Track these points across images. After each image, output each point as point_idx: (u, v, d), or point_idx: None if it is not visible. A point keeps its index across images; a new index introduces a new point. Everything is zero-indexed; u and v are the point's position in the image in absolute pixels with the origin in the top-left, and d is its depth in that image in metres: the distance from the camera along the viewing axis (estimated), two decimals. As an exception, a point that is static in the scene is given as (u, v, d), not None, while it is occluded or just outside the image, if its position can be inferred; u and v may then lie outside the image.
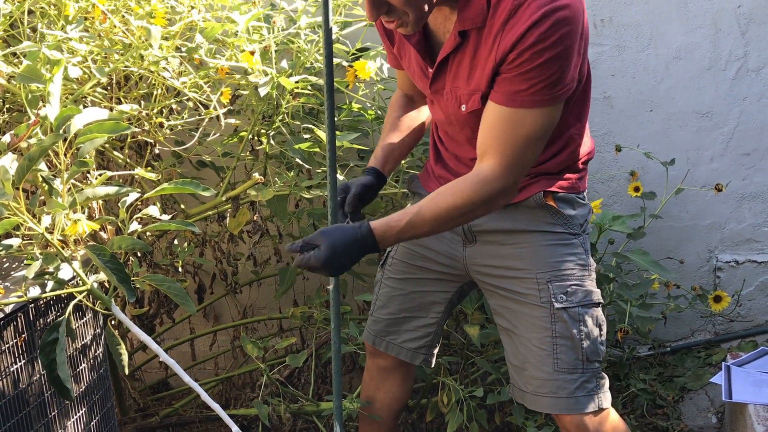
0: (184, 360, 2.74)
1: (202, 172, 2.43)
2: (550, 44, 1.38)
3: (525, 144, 1.47)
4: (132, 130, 1.61)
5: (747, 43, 2.59)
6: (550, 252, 1.64)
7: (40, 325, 1.56)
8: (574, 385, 1.63)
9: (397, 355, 1.89)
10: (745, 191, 2.72)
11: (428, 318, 1.86)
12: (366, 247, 1.50)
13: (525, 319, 1.66)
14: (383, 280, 1.89)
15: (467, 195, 1.48)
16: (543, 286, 1.63)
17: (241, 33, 1.91)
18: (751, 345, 2.71)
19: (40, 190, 1.54)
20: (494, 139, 1.48)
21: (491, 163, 1.48)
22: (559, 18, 1.37)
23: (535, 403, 1.67)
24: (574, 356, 1.63)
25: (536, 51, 1.39)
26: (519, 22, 1.39)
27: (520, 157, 1.48)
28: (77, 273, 1.54)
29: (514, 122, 1.45)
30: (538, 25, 1.37)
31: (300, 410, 2.20)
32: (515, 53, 1.40)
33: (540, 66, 1.40)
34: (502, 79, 1.45)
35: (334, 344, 1.71)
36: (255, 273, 2.64)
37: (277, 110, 2.07)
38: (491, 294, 1.74)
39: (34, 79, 1.54)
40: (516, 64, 1.42)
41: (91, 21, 1.85)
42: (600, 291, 1.69)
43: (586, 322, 1.63)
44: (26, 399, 1.51)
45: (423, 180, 1.83)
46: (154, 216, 1.68)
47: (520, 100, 1.44)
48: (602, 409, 1.65)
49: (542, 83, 1.42)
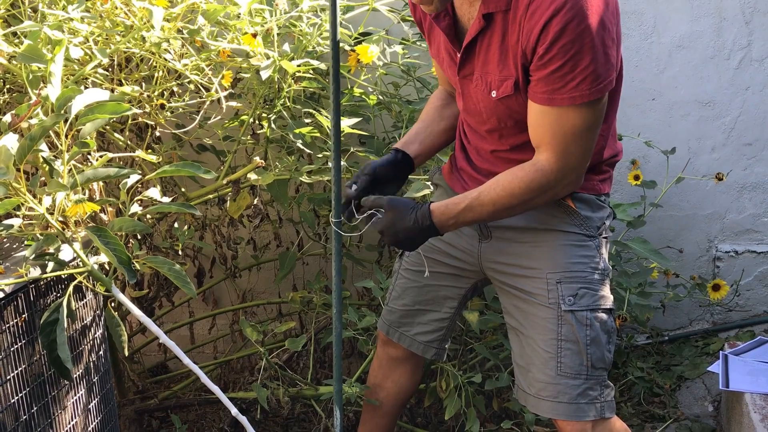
0: (183, 343, 2.74)
1: (203, 155, 2.42)
2: (577, 35, 1.33)
3: (574, 138, 1.44)
4: (133, 111, 1.60)
5: (751, 32, 2.58)
6: (563, 252, 1.60)
7: (41, 306, 1.56)
8: (577, 391, 1.58)
9: (409, 347, 1.89)
10: (746, 181, 2.72)
11: (441, 312, 1.85)
12: (423, 226, 1.53)
13: (532, 320, 1.63)
14: (400, 271, 1.88)
15: (525, 183, 1.48)
16: (552, 287, 1.60)
17: (244, 15, 1.90)
18: (748, 335, 2.72)
19: (41, 170, 1.53)
20: (543, 135, 1.46)
21: (546, 155, 1.47)
22: (583, 5, 1.32)
23: (537, 406, 1.63)
24: (579, 361, 1.58)
25: (563, 44, 1.34)
26: (540, 8, 1.35)
27: (573, 149, 1.45)
28: (78, 254, 1.54)
29: (559, 120, 1.43)
30: (562, 13, 1.32)
31: (298, 394, 2.21)
32: (543, 48, 1.36)
33: (571, 60, 1.35)
34: (537, 79, 1.42)
35: (336, 329, 1.71)
36: (255, 257, 2.64)
37: (279, 94, 2.06)
38: (503, 292, 1.72)
39: (35, 59, 1.53)
40: (545, 61, 1.38)
41: (92, 1, 1.83)
42: (613, 297, 1.65)
43: (593, 326, 1.59)
44: (26, 379, 1.52)
45: (445, 172, 1.81)
46: (155, 198, 1.68)
47: (559, 99, 1.40)
48: (605, 418, 1.60)
49: (577, 79, 1.37)
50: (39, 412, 1.56)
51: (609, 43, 1.38)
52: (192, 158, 2.38)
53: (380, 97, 2.26)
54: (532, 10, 1.37)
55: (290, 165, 2.10)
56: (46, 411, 1.58)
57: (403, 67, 2.29)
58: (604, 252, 1.65)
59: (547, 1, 1.35)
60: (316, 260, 2.70)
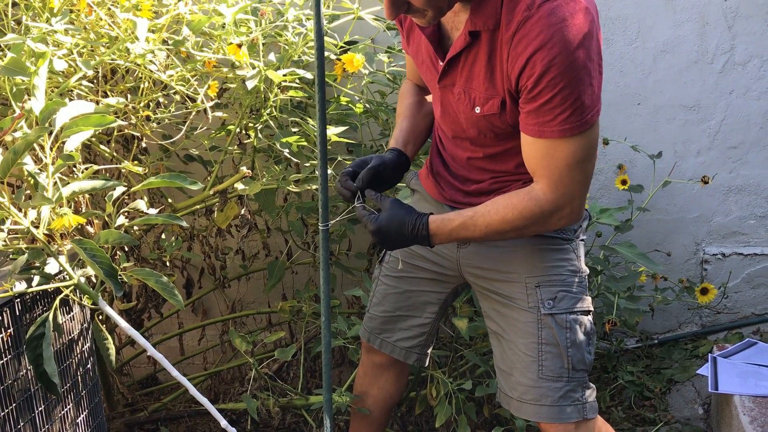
0: (173, 355, 2.73)
1: (190, 165, 2.42)
2: (564, 68, 1.33)
3: (567, 169, 1.43)
4: (118, 123, 1.59)
5: (734, 36, 2.60)
6: (541, 256, 1.61)
7: (27, 320, 1.55)
8: (559, 393, 1.60)
9: (391, 354, 1.89)
10: (732, 184, 2.74)
11: (422, 318, 1.85)
12: (418, 235, 1.54)
13: (513, 324, 1.64)
14: (380, 278, 1.88)
15: (518, 211, 1.47)
16: (531, 291, 1.61)
17: (229, 25, 1.90)
18: (737, 337, 2.73)
19: (26, 184, 1.52)
20: (537, 165, 1.46)
21: (541, 185, 1.46)
22: (569, 38, 1.31)
23: (520, 409, 1.65)
24: (560, 364, 1.60)
25: (551, 78, 1.33)
26: (526, 38, 1.34)
27: (567, 180, 1.44)
28: (64, 267, 1.53)
29: (551, 151, 1.42)
30: (548, 46, 1.32)
31: (289, 404, 2.20)
32: (531, 81, 1.36)
33: (559, 94, 1.35)
34: (526, 112, 1.42)
35: (324, 338, 1.71)
36: (243, 267, 2.63)
37: (265, 104, 2.06)
38: (483, 296, 1.73)
39: (18, 72, 1.52)
40: (534, 95, 1.37)
41: (76, 13, 1.83)
42: (591, 299, 1.66)
43: (573, 329, 1.60)
44: (12, 394, 1.50)
45: (422, 177, 1.81)
46: (142, 210, 1.67)
47: (549, 131, 1.40)
48: (587, 419, 1.62)
49: (566, 112, 1.37)
50: (26, 427, 1.54)
51: (595, 73, 1.37)
52: (179, 169, 2.37)
53: (367, 105, 2.26)
54: (518, 37, 1.36)
55: (277, 174, 2.10)
56: (33, 426, 1.57)
57: (389, 76, 2.30)
58: (581, 254, 1.66)
59: (534, 31, 1.33)
60: (305, 269, 2.70)
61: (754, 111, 2.66)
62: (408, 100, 1.82)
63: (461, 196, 1.69)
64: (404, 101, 1.82)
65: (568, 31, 1.32)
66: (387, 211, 1.56)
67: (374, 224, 1.55)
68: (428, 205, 1.78)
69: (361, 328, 1.95)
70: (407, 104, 1.81)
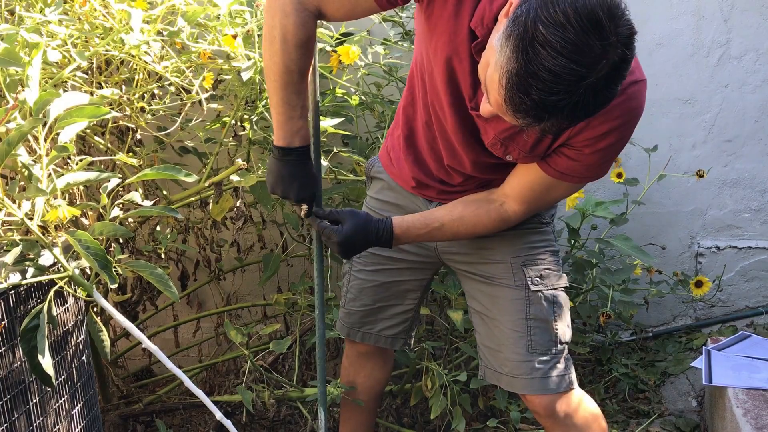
0: (168, 347, 2.73)
1: (185, 157, 2.41)
2: (620, 147, 1.44)
3: (551, 200, 1.59)
4: (113, 115, 1.58)
5: (729, 30, 2.60)
6: (522, 238, 1.67)
7: (21, 312, 1.54)
8: (548, 366, 1.66)
9: (376, 344, 1.90)
10: (727, 177, 2.74)
11: (405, 305, 1.86)
12: (381, 240, 1.60)
13: (500, 302, 1.68)
14: (352, 272, 1.87)
15: (487, 228, 1.60)
16: (517, 269, 1.66)
17: (224, 17, 1.89)
18: (731, 329, 2.74)
19: (20, 175, 1.52)
20: (527, 193, 1.54)
21: (515, 209, 1.57)
22: (634, 123, 1.41)
23: (511, 384, 1.69)
24: (548, 338, 1.66)
25: (605, 150, 1.41)
26: (605, 116, 1.34)
27: (542, 206, 1.61)
28: (58, 259, 1.53)
29: (552, 188, 1.52)
30: (620, 131, 1.39)
31: (284, 396, 2.21)
32: (589, 148, 1.41)
33: (602, 159, 1.44)
34: (559, 156, 1.45)
35: (319, 330, 1.71)
36: (239, 260, 2.63)
37: (260, 95, 2.05)
38: (465, 278, 1.76)
39: (12, 63, 1.51)
40: (582, 154, 1.43)
41: (70, 4, 1.82)
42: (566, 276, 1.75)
43: (558, 304, 1.68)
44: (7, 386, 1.50)
45: (385, 164, 1.78)
46: (136, 202, 1.66)
47: (569, 177, 1.48)
48: (571, 388, 1.68)
49: (593, 168, 1.46)
50: (21, 419, 1.54)
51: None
52: (174, 161, 2.36)
53: (362, 97, 2.26)
54: (601, 111, 1.24)
55: (273, 166, 2.09)
56: (28, 418, 1.57)
57: (385, 68, 2.29)
58: (554, 235, 1.77)
59: (615, 113, 1.35)
60: (300, 262, 2.69)
61: (750, 104, 2.66)
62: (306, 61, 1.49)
63: (435, 193, 1.70)
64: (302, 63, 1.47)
65: (637, 117, 1.41)
66: (348, 221, 1.57)
67: (340, 236, 1.56)
68: (395, 194, 1.77)
69: (338, 324, 1.95)
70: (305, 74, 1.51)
